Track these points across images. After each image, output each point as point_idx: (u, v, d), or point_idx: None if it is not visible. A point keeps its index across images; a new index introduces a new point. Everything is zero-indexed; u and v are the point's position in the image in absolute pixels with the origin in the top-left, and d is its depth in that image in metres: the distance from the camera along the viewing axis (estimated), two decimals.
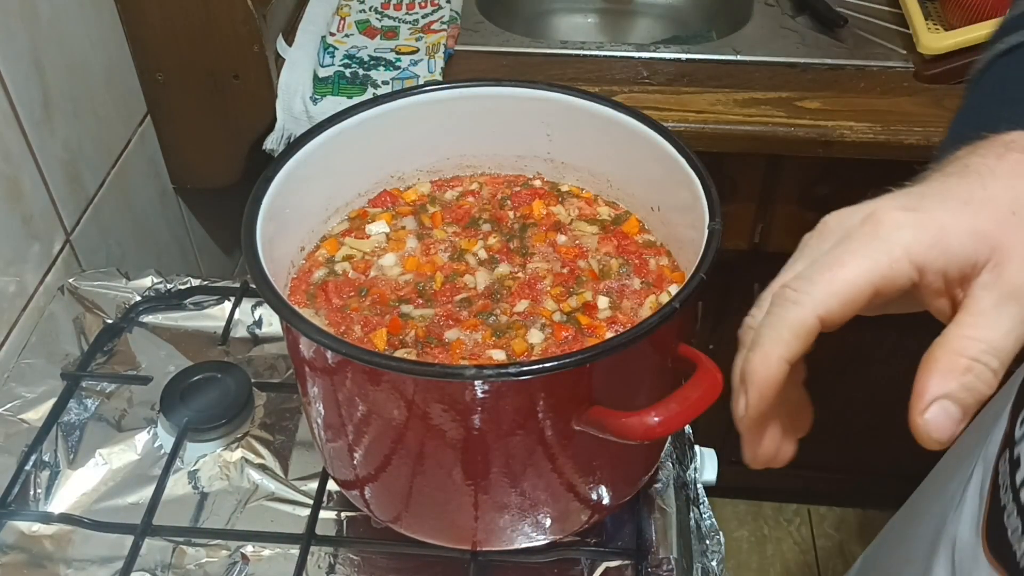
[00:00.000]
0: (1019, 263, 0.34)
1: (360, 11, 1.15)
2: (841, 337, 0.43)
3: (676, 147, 0.55)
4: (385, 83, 1.03)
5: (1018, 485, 0.50)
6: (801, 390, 0.40)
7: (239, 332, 0.78)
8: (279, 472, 0.68)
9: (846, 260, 0.35)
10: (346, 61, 1.06)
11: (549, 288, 0.58)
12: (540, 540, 0.58)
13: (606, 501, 0.57)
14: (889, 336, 1.26)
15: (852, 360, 1.26)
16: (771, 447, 0.39)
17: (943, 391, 0.33)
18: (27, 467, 0.67)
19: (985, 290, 0.34)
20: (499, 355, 0.54)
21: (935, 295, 0.36)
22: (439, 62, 1.05)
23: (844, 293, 0.35)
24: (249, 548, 0.63)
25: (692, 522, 0.67)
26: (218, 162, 1.04)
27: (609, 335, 0.55)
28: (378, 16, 1.14)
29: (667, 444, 0.66)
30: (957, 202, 0.36)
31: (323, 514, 0.64)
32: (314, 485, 0.66)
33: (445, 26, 1.11)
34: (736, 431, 0.38)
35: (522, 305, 0.57)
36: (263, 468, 0.68)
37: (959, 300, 0.35)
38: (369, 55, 1.07)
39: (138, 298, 0.80)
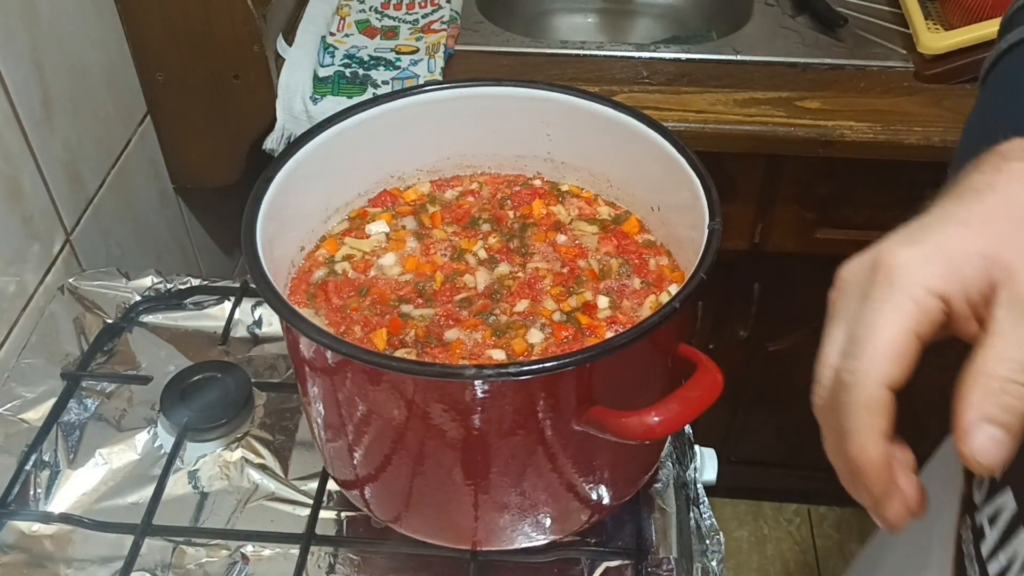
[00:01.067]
0: None
1: (360, 11, 1.15)
2: None
3: (676, 147, 0.55)
4: (385, 83, 1.03)
5: (985, 557, 0.48)
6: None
7: (239, 332, 0.78)
8: (279, 472, 0.68)
9: (877, 322, 0.35)
10: (346, 61, 1.06)
11: (549, 288, 0.58)
12: (540, 540, 0.58)
13: (606, 501, 0.57)
14: None
15: None
16: (901, 506, 0.38)
17: (982, 416, 0.33)
18: (27, 467, 0.67)
19: (1003, 309, 0.34)
20: (499, 355, 0.54)
21: (965, 321, 0.35)
22: (439, 62, 1.05)
23: (893, 354, 0.35)
24: (249, 548, 0.63)
25: (692, 522, 0.66)
26: (218, 162, 1.04)
27: (609, 335, 0.55)
28: (378, 16, 1.14)
29: (667, 444, 0.66)
30: (957, 225, 0.36)
31: (323, 514, 0.64)
32: (314, 485, 0.66)
33: (445, 26, 1.11)
34: (735, 431, 0.38)
35: (522, 305, 0.57)
36: (263, 468, 0.68)
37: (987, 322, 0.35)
38: (369, 55, 1.07)
39: (138, 298, 0.80)
